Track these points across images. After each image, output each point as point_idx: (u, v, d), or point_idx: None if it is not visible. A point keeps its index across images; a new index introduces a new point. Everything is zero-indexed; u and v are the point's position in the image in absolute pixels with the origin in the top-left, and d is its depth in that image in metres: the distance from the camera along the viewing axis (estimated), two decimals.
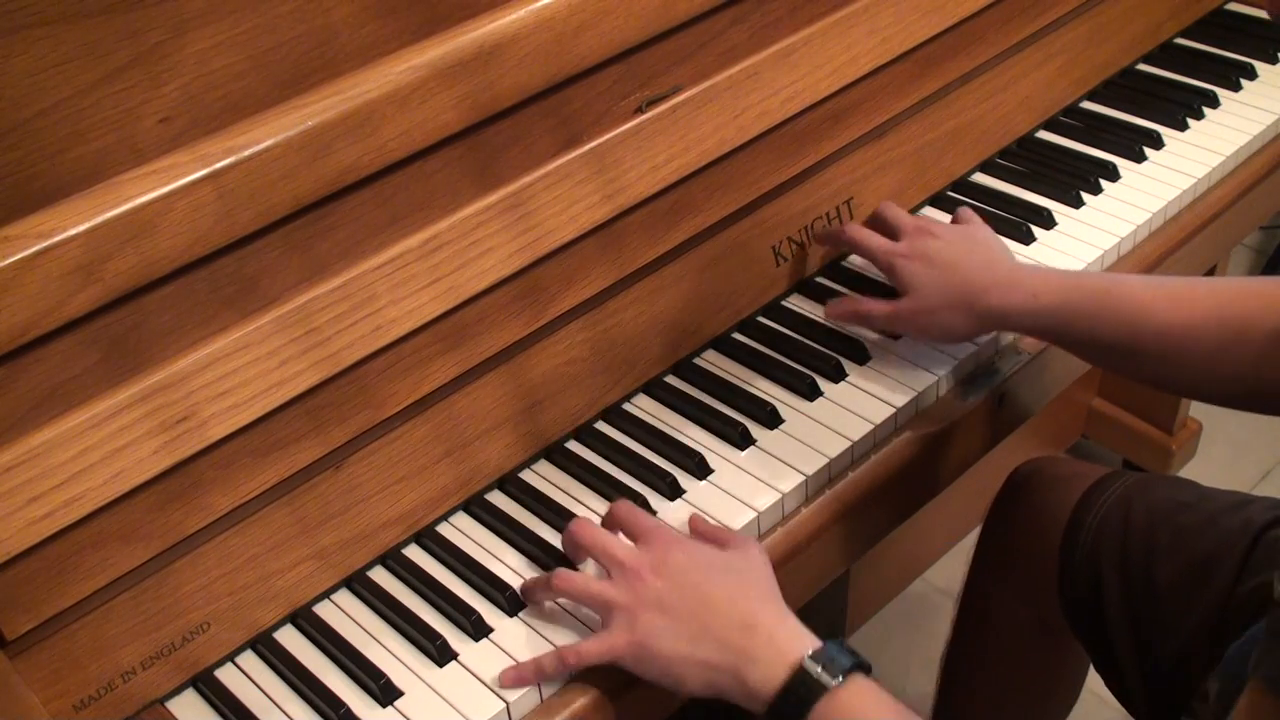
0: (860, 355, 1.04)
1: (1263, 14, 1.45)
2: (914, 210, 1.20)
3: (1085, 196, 1.21)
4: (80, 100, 0.73)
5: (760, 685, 0.75)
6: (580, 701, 0.83)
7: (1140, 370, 0.94)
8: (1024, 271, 0.97)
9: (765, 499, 0.93)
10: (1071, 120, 1.32)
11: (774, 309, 1.11)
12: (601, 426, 1.01)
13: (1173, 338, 0.89)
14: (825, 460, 0.95)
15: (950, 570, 1.77)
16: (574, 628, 0.85)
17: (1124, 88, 1.36)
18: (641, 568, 0.80)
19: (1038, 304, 0.94)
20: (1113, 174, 1.23)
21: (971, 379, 1.05)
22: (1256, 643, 0.64)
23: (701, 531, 0.87)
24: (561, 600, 0.86)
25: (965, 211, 1.09)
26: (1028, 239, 1.16)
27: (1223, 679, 0.85)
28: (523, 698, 0.81)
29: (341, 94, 0.80)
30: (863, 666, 0.76)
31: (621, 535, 0.86)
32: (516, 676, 0.81)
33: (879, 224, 1.08)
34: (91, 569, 0.77)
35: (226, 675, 0.85)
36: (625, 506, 0.87)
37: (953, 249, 1.00)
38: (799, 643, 0.77)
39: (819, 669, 0.75)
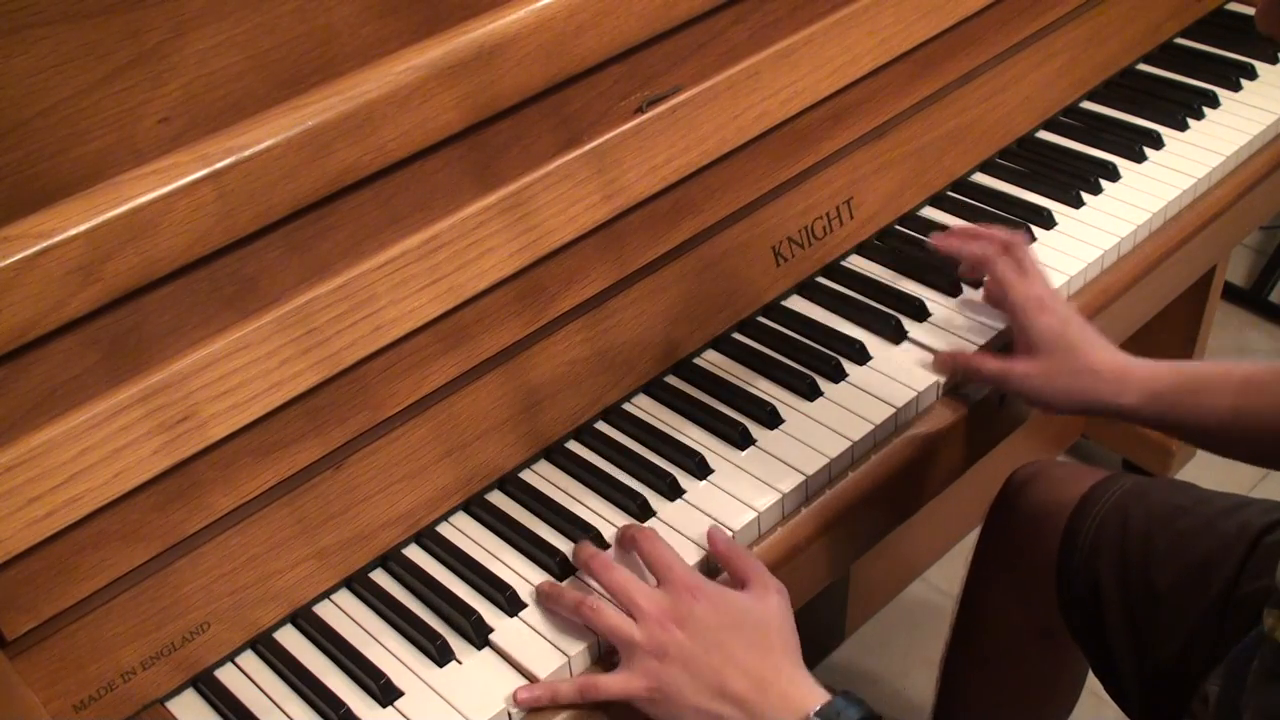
0: (860, 355, 1.04)
1: None
2: (914, 210, 1.20)
3: (1085, 196, 1.21)
4: (80, 100, 0.73)
5: None
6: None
7: (1238, 452, 0.96)
8: (1135, 360, 0.97)
9: (765, 499, 0.93)
10: (1071, 120, 1.32)
11: (774, 309, 1.11)
12: (601, 426, 1.01)
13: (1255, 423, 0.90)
14: (825, 461, 0.95)
15: (950, 571, 1.77)
16: (574, 633, 0.85)
17: (1124, 88, 1.36)
18: (666, 618, 0.81)
19: (1149, 388, 0.94)
20: (1113, 174, 1.23)
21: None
22: (1252, 671, 0.64)
23: (723, 556, 0.87)
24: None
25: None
26: (1028, 239, 1.16)
27: (1224, 682, 0.85)
28: None
29: (341, 94, 0.80)
30: (871, 718, 0.76)
31: (638, 558, 0.87)
32: (531, 697, 0.82)
33: (1008, 251, 1.04)
34: (91, 569, 0.77)
35: (226, 675, 0.85)
36: (647, 540, 0.87)
37: (1081, 320, 0.98)
38: (808, 699, 0.78)
39: None
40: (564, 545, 0.91)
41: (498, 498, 0.96)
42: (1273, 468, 0.96)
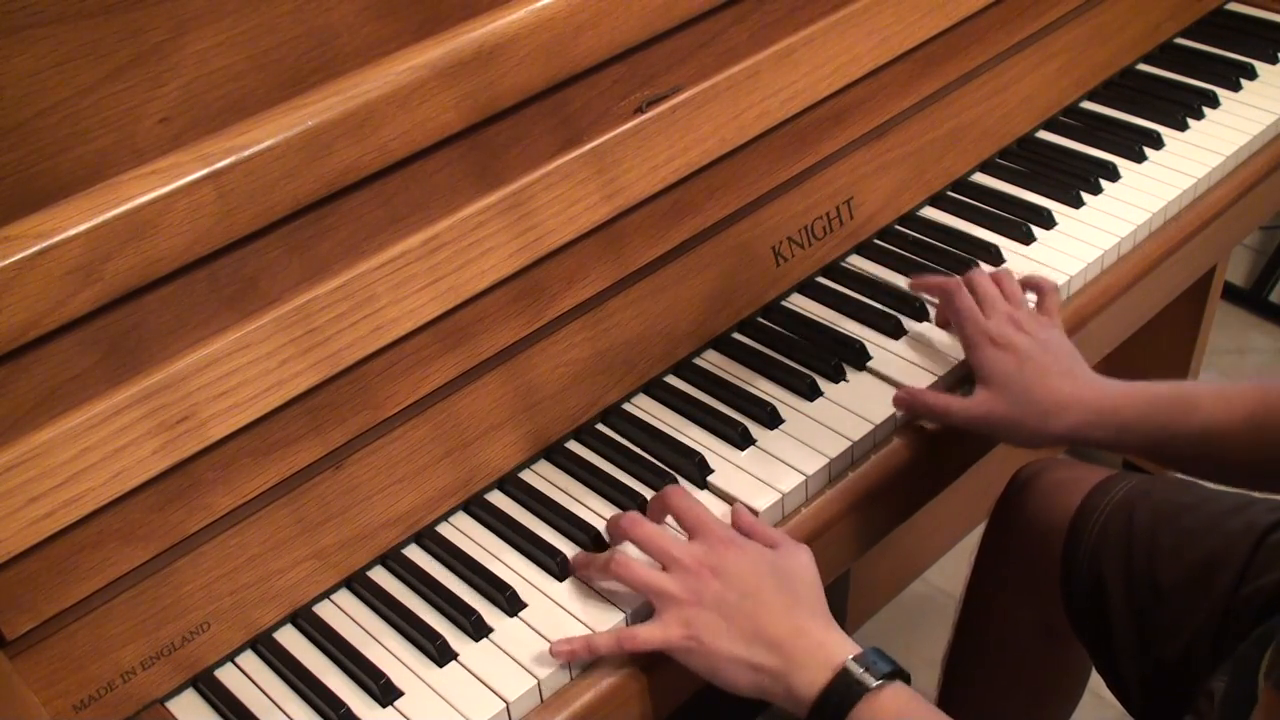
0: (860, 356, 1.04)
1: (1263, 14, 1.45)
2: (914, 210, 1.20)
3: (1085, 196, 1.21)
4: (80, 100, 0.73)
5: (804, 689, 0.77)
6: (580, 701, 0.83)
7: (1211, 474, 0.95)
8: (1105, 384, 0.94)
9: (765, 499, 0.93)
10: (1071, 120, 1.32)
11: (774, 309, 1.11)
12: (601, 426, 1.01)
13: (1217, 439, 0.90)
14: (825, 460, 0.95)
15: (951, 570, 1.77)
16: (576, 630, 0.85)
17: (1124, 88, 1.36)
18: (701, 568, 0.82)
19: (1116, 419, 0.92)
20: (1113, 174, 1.23)
21: (972, 379, 1.04)
22: (1268, 646, 0.64)
23: (748, 529, 0.88)
24: (604, 584, 0.87)
25: (1050, 291, 1.04)
26: (1028, 239, 1.16)
27: (1231, 678, 0.85)
28: (522, 698, 0.82)
29: (341, 94, 0.80)
30: (902, 674, 0.78)
31: (671, 520, 0.88)
32: (569, 650, 0.83)
33: (972, 286, 1.03)
34: (91, 569, 0.77)
35: (226, 675, 0.85)
36: (679, 496, 0.88)
37: (1040, 351, 0.96)
38: (843, 648, 0.79)
39: (861, 671, 0.77)
40: (564, 545, 0.91)
41: (498, 498, 0.96)
42: (1248, 488, 0.96)
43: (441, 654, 0.84)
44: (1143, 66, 1.39)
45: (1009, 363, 0.96)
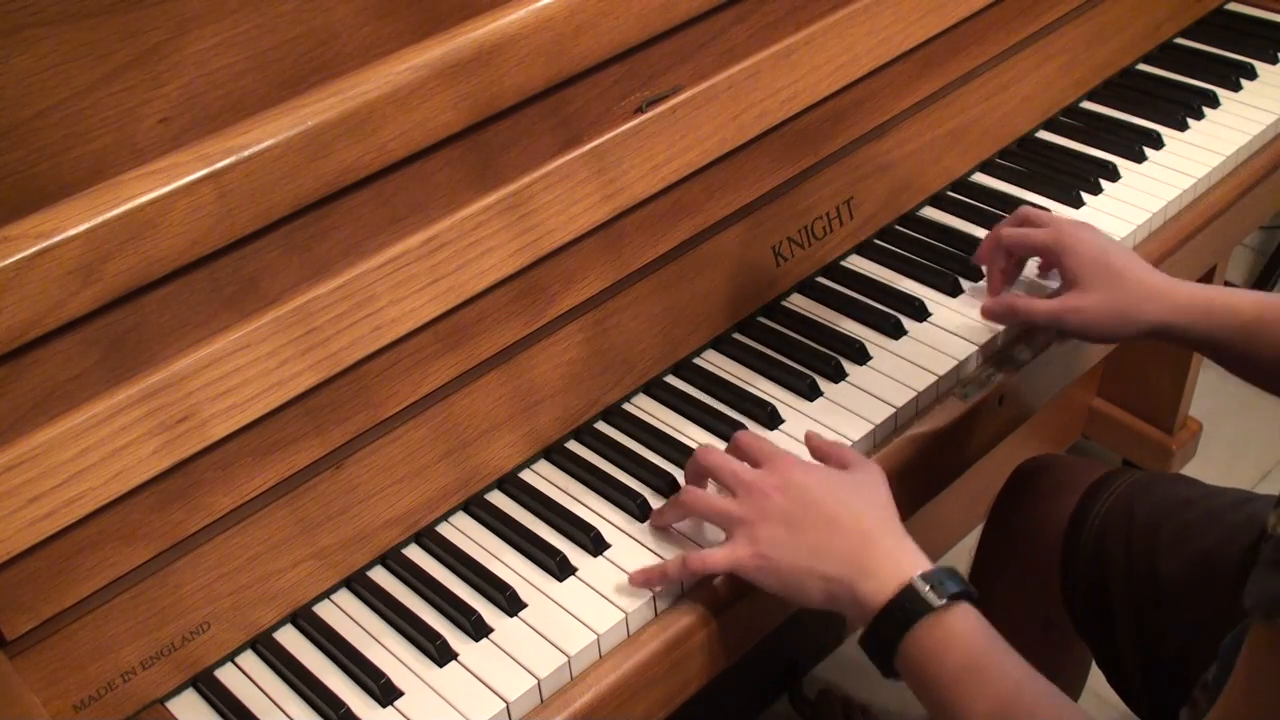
0: (860, 355, 1.04)
1: (1263, 14, 1.45)
2: (914, 210, 1.20)
3: (1085, 196, 1.21)
4: (80, 100, 0.73)
5: (870, 598, 0.78)
6: (580, 701, 0.83)
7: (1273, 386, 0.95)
8: (1181, 281, 0.97)
9: None
10: (1071, 120, 1.32)
11: (774, 309, 1.11)
12: (601, 426, 1.01)
13: None
14: None
15: None
16: (576, 631, 0.85)
17: (1124, 88, 1.36)
18: (767, 486, 0.83)
19: (1197, 306, 0.94)
20: (1113, 174, 1.23)
21: (972, 379, 1.05)
22: (1255, 568, 0.65)
23: (821, 450, 0.89)
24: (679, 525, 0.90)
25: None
26: None
27: (1219, 666, 0.86)
28: (522, 697, 0.82)
29: (341, 94, 0.80)
30: (970, 595, 0.78)
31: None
32: (644, 579, 0.85)
33: (1021, 224, 1.06)
34: (91, 569, 0.77)
35: (226, 675, 0.85)
36: (749, 435, 0.89)
37: (1117, 247, 0.99)
38: (913, 562, 0.79)
39: (927, 588, 0.77)
40: (564, 545, 0.91)
41: (498, 498, 0.96)
42: None
43: (441, 654, 0.84)
44: (1143, 66, 1.39)
45: (1094, 252, 0.97)
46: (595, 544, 0.90)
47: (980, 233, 1.17)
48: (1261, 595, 0.61)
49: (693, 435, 0.99)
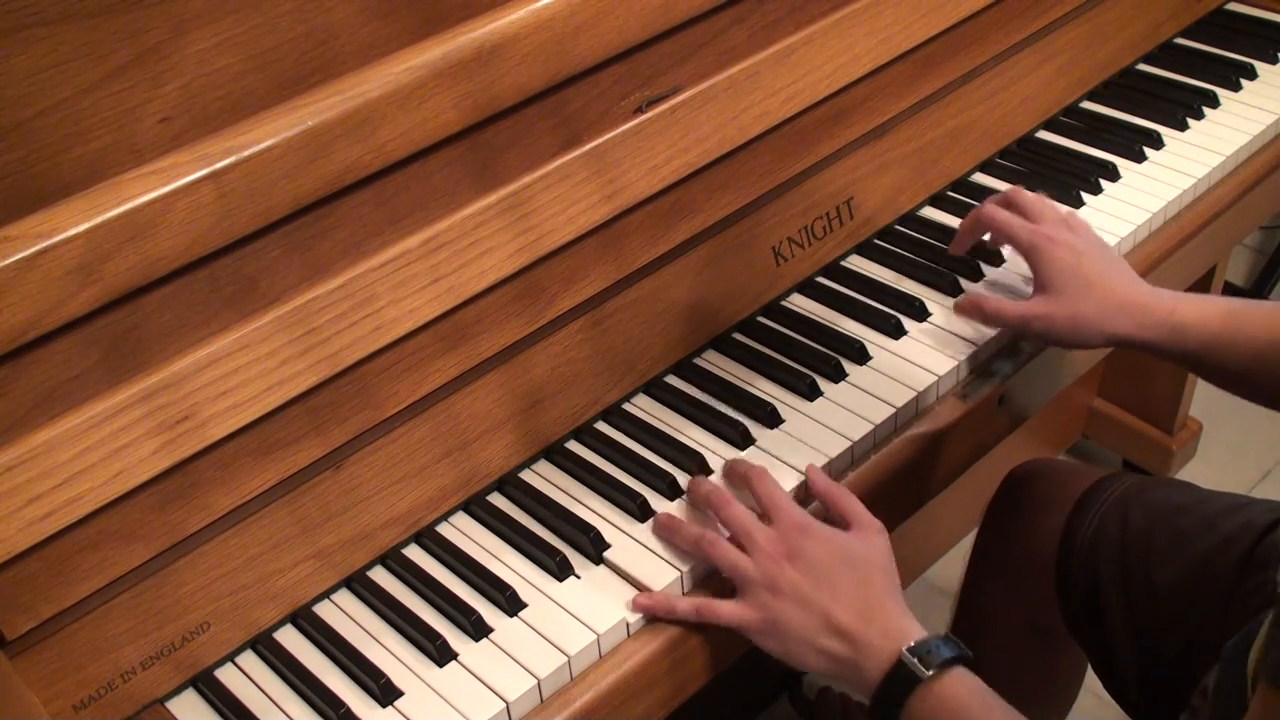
0: (860, 355, 1.04)
1: (1263, 14, 1.45)
2: (914, 210, 1.20)
3: (1085, 196, 1.21)
4: (80, 100, 0.73)
5: (870, 675, 0.81)
6: (580, 701, 0.83)
7: (1251, 394, 0.95)
8: (1162, 292, 0.96)
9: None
10: (1071, 120, 1.32)
11: (774, 309, 1.11)
12: (601, 426, 1.01)
13: (1265, 360, 0.91)
14: (825, 460, 0.95)
15: (949, 570, 1.77)
16: (576, 631, 0.85)
17: (1124, 88, 1.36)
18: (779, 554, 0.85)
19: (1177, 323, 0.94)
20: (1113, 174, 1.23)
21: (971, 379, 1.05)
22: (1261, 639, 0.65)
23: (822, 495, 0.90)
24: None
25: (1074, 216, 1.05)
26: None
27: (1220, 673, 0.86)
28: (522, 697, 0.82)
29: (341, 94, 0.80)
30: (964, 659, 0.80)
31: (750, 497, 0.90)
32: (649, 604, 0.86)
33: (1010, 207, 1.05)
34: (91, 569, 0.77)
35: (226, 675, 0.85)
36: (761, 479, 0.90)
37: (1098, 253, 0.98)
38: (909, 633, 0.81)
39: (914, 660, 0.79)
40: (564, 545, 0.91)
41: (498, 498, 0.96)
42: None
43: (441, 654, 0.84)
44: (1143, 66, 1.39)
45: (1069, 262, 0.97)
46: (595, 544, 0.90)
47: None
48: (1273, 661, 0.62)
49: (693, 435, 0.99)
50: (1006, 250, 1.13)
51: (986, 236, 1.11)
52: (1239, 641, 0.79)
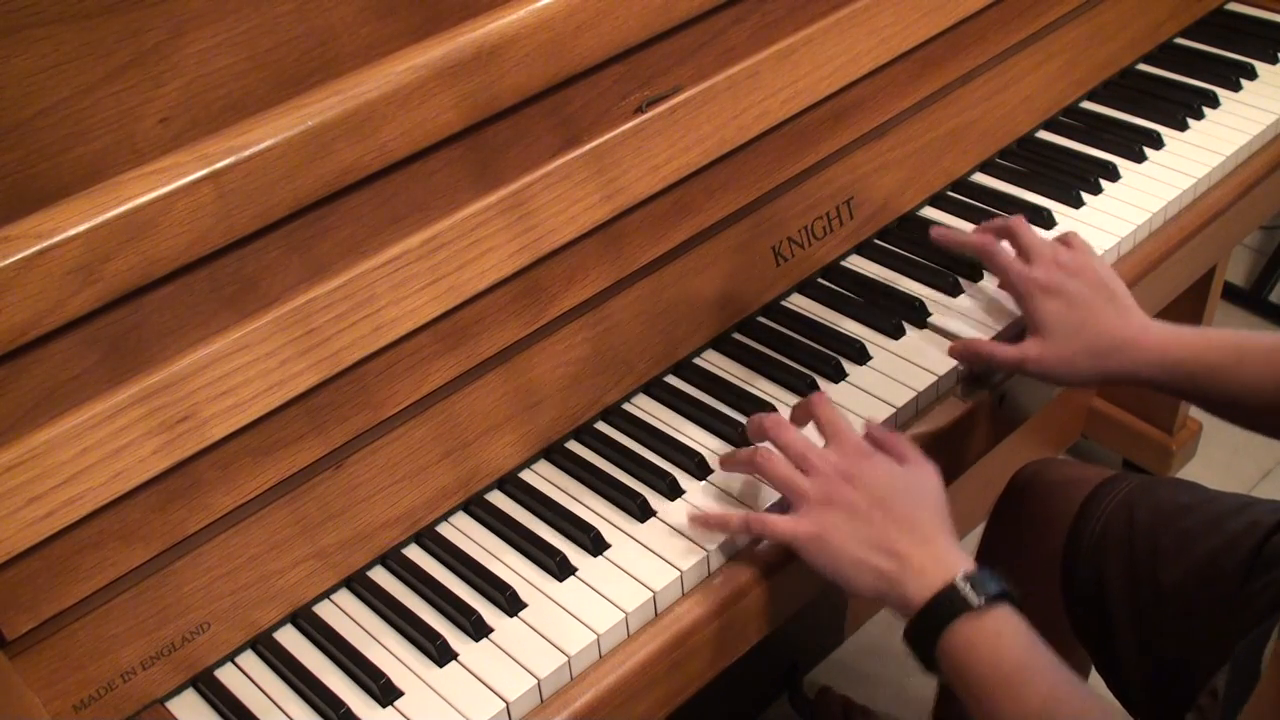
0: (860, 355, 1.04)
1: (1263, 14, 1.45)
2: (914, 210, 1.20)
3: (1085, 196, 1.21)
4: (80, 100, 0.73)
5: (915, 596, 0.81)
6: (580, 701, 0.83)
7: (1246, 423, 0.96)
8: (1156, 326, 0.97)
9: (766, 499, 0.93)
10: (1071, 120, 1.32)
11: (774, 309, 1.11)
12: (601, 426, 1.01)
13: (1260, 395, 0.91)
14: None
15: None
16: (576, 631, 0.85)
17: (1124, 88, 1.36)
18: (836, 474, 0.87)
19: (1168, 359, 0.95)
20: (1113, 174, 1.23)
21: (971, 379, 1.05)
22: (1275, 639, 0.64)
23: (878, 440, 0.91)
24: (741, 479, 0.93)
25: (1076, 238, 1.05)
26: None
27: (1232, 674, 0.86)
28: (522, 697, 0.82)
29: (341, 94, 0.80)
30: (1010, 597, 0.81)
31: (811, 424, 0.93)
32: (704, 520, 0.89)
33: (1008, 235, 1.06)
34: (91, 569, 0.77)
35: (226, 675, 0.85)
36: (824, 404, 0.92)
37: (1089, 294, 0.99)
38: (958, 563, 0.82)
39: (967, 587, 0.80)
40: (564, 545, 0.91)
41: (498, 498, 0.96)
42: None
43: (441, 654, 0.84)
44: (1143, 66, 1.39)
45: (1059, 309, 0.99)
46: (595, 544, 0.90)
47: None
48: None
49: (693, 435, 0.99)
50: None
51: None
52: (1252, 641, 0.79)
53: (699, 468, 0.95)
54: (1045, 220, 1.18)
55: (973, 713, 0.79)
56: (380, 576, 0.91)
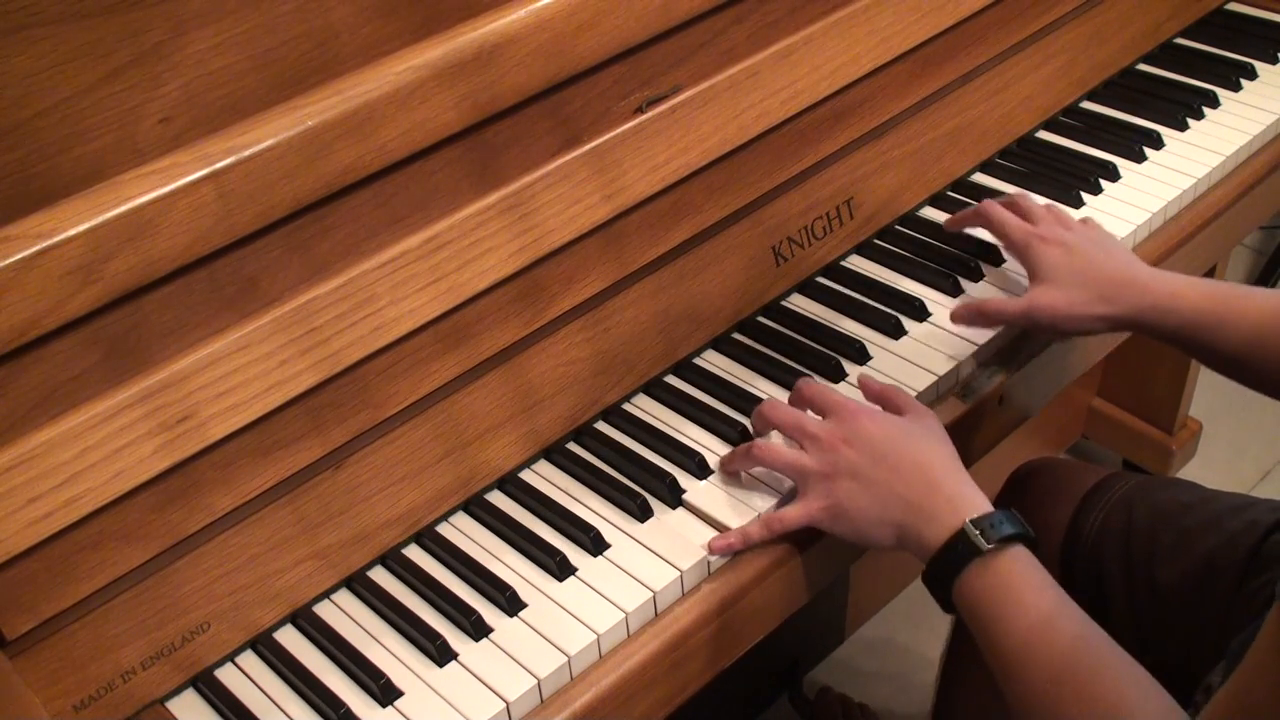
0: (860, 355, 1.04)
1: (1263, 14, 1.45)
2: (914, 210, 1.20)
3: (1085, 196, 1.21)
4: (80, 100, 0.73)
5: (931, 541, 0.82)
6: (580, 701, 0.83)
7: (1250, 379, 0.96)
8: (1162, 274, 0.97)
9: (766, 499, 0.93)
10: (1071, 120, 1.32)
11: (774, 309, 1.11)
12: (601, 426, 1.01)
13: (1264, 343, 0.91)
14: None
15: None
16: (576, 631, 0.85)
17: (1124, 88, 1.36)
18: (835, 440, 0.87)
19: (1176, 303, 0.94)
20: (1113, 174, 1.23)
21: (971, 379, 1.05)
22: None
23: (876, 393, 0.92)
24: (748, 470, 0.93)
25: (1091, 220, 1.08)
26: None
27: (1226, 670, 0.86)
28: (522, 698, 0.82)
29: (341, 94, 0.80)
30: (1025, 538, 0.80)
31: (810, 412, 0.92)
32: (725, 544, 0.88)
33: (1012, 208, 1.07)
34: (91, 569, 0.77)
35: (226, 675, 0.85)
36: (812, 384, 0.93)
37: (1089, 243, 1.00)
38: (970, 506, 0.82)
39: (977, 532, 0.79)
40: (564, 545, 0.91)
41: (498, 498, 0.96)
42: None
43: (441, 654, 0.84)
44: (1143, 66, 1.39)
45: (1061, 255, 0.99)
46: (595, 544, 0.90)
47: (981, 233, 1.17)
48: None
49: (693, 435, 0.99)
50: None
51: (988, 236, 1.11)
52: (1247, 638, 0.79)
53: (699, 468, 0.95)
54: None
55: (985, 651, 0.80)
56: (380, 576, 0.91)
